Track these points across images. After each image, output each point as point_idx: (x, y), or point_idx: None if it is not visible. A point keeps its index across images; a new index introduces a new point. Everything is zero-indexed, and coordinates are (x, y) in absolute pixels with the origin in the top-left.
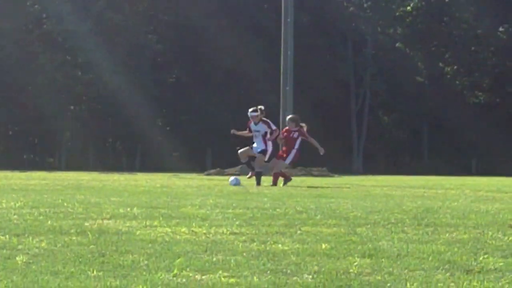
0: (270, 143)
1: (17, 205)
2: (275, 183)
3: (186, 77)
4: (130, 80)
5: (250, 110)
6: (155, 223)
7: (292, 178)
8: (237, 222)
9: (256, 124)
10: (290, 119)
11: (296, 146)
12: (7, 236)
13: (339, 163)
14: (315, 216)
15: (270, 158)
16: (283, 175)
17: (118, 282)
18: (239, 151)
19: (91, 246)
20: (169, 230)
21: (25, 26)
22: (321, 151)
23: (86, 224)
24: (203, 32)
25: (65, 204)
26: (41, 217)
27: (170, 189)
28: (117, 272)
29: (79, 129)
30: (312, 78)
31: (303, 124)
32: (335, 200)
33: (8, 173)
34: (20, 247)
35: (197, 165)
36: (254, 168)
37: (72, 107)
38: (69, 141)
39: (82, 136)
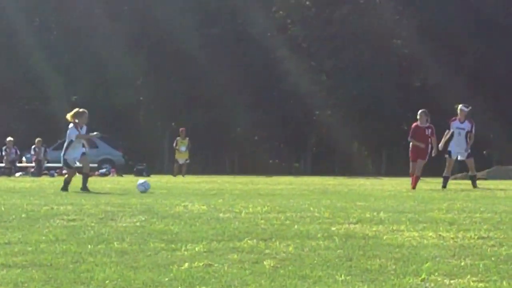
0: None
1: (264, 209)
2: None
3: (432, 81)
4: (375, 84)
5: (462, 105)
6: (402, 227)
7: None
8: (485, 226)
9: (462, 122)
10: (424, 112)
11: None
12: (254, 240)
13: None
14: None
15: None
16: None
17: (365, 287)
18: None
19: (338, 251)
20: (416, 234)
21: (270, 32)
22: (433, 153)
23: (333, 228)
24: (447, 35)
25: (312, 208)
26: (287, 222)
27: (416, 193)
28: (364, 277)
29: (324, 134)
30: None
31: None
32: None
33: (254, 178)
34: (267, 251)
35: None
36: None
37: (317, 112)
38: (314, 146)
39: (327, 140)
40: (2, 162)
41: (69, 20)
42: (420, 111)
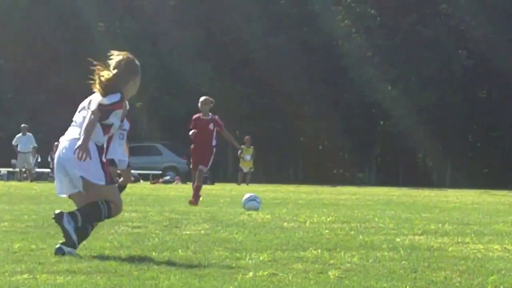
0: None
1: (328, 219)
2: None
3: (497, 92)
4: (440, 94)
5: None
6: (467, 239)
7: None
8: None
9: None
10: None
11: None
12: (319, 250)
13: None
14: None
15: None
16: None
17: None
18: None
19: (403, 262)
20: (481, 247)
21: (335, 41)
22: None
23: (398, 239)
24: None
25: (376, 219)
26: (352, 232)
27: (481, 206)
28: None
29: (388, 144)
30: None
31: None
32: None
33: (319, 188)
34: (332, 261)
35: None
36: None
37: (382, 122)
38: (378, 156)
39: (391, 150)
40: None
41: (135, 26)
42: None
